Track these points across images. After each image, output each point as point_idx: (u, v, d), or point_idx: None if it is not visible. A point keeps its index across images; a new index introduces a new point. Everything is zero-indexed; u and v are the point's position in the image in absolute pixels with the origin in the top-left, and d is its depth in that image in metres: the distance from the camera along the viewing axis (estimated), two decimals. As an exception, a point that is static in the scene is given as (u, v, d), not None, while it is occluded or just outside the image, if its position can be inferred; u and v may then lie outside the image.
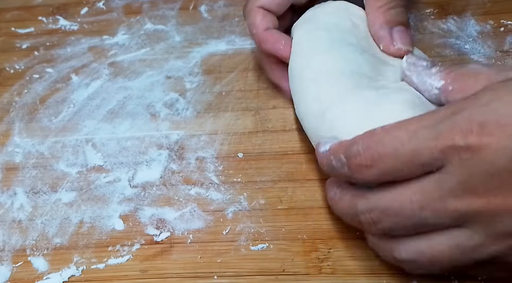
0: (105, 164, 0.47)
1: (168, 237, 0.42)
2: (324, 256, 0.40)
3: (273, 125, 0.48)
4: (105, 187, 0.46)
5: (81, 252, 0.42)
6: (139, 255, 0.41)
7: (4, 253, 0.42)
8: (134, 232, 0.43)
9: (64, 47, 0.57)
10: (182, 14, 0.59)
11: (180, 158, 0.47)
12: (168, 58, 0.55)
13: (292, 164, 0.45)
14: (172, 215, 0.43)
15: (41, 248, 0.42)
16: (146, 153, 0.47)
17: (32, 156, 0.48)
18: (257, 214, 0.43)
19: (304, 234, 0.41)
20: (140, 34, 0.58)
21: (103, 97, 0.52)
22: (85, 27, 0.59)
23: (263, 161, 0.46)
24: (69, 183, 0.46)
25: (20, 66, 0.56)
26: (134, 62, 0.55)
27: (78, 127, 0.50)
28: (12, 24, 0.60)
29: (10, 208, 0.45)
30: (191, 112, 0.50)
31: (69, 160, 0.48)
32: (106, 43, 0.57)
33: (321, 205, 0.43)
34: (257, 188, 0.44)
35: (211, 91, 0.52)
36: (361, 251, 0.40)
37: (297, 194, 0.44)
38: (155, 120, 0.50)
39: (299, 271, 0.40)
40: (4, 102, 0.53)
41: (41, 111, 0.52)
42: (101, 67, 0.55)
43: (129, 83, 0.53)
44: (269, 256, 0.41)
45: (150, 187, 0.45)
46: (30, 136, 0.50)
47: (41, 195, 0.46)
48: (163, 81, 0.53)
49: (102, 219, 0.44)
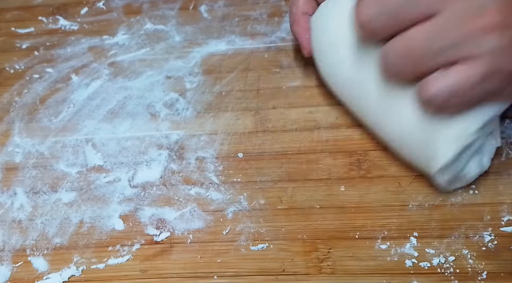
0: (105, 164, 0.47)
1: (168, 237, 0.42)
2: (324, 256, 0.40)
3: (273, 125, 0.48)
4: (105, 187, 0.46)
5: (81, 252, 0.42)
6: (139, 255, 0.42)
7: (4, 253, 0.42)
8: (134, 232, 0.43)
9: (64, 47, 0.57)
10: (182, 14, 0.59)
11: (180, 158, 0.47)
12: (168, 58, 0.55)
13: (292, 164, 0.45)
14: (172, 215, 0.43)
15: (41, 248, 0.42)
16: (146, 153, 0.48)
17: (32, 156, 0.48)
18: (257, 214, 0.43)
19: (304, 234, 0.41)
20: (140, 34, 0.58)
21: (103, 97, 0.52)
22: (85, 27, 0.59)
23: (263, 161, 0.46)
24: (69, 183, 0.46)
25: (20, 66, 0.56)
26: (134, 62, 0.55)
27: (78, 127, 0.50)
28: (12, 24, 0.60)
29: (10, 208, 0.45)
30: (191, 112, 0.50)
31: (69, 160, 0.48)
32: (106, 43, 0.57)
33: (321, 205, 0.43)
34: (257, 188, 0.44)
35: (211, 91, 0.52)
36: (361, 251, 0.40)
37: (297, 194, 0.44)
38: (155, 120, 0.50)
39: (299, 271, 0.40)
40: (4, 102, 0.53)
41: (41, 111, 0.52)
42: (101, 67, 0.55)
43: (129, 83, 0.53)
44: (269, 256, 0.41)
45: (150, 187, 0.45)
46: (30, 136, 0.50)
47: (41, 195, 0.46)
48: (163, 81, 0.53)
49: (102, 219, 0.44)
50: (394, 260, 0.39)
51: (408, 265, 0.39)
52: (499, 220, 0.41)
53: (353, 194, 0.43)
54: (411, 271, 0.39)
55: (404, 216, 0.41)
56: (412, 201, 0.42)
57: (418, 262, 0.39)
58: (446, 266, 0.39)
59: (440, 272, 0.39)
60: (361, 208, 0.42)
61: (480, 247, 0.39)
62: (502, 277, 0.38)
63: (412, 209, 0.42)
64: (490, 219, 0.41)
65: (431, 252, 0.40)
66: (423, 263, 0.39)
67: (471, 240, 0.40)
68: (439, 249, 0.40)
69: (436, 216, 0.41)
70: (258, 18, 0.57)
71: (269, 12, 0.57)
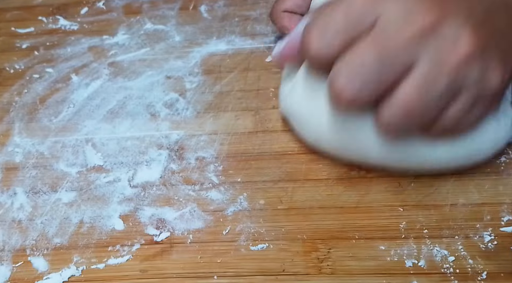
0: (105, 164, 0.47)
1: (168, 237, 0.42)
2: (324, 256, 0.40)
3: (273, 125, 0.48)
4: (105, 187, 0.46)
5: (81, 252, 0.42)
6: (139, 255, 0.41)
7: (4, 253, 0.42)
8: (134, 232, 0.43)
9: (64, 47, 0.57)
10: (182, 14, 0.59)
11: (180, 158, 0.47)
12: (168, 58, 0.55)
13: (292, 164, 0.45)
14: (172, 215, 0.43)
15: (41, 248, 0.42)
16: (146, 153, 0.48)
17: (32, 156, 0.48)
18: (257, 214, 0.43)
19: (304, 234, 0.41)
20: (140, 34, 0.58)
21: (103, 97, 0.52)
22: (85, 27, 0.59)
23: (263, 161, 0.46)
24: (69, 183, 0.46)
25: (20, 66, 0.56)
26: (134, 62, 0.55)
27: (78, 127, 0.50)
28: (12, 24, 0.60)
29: (10, 208, 0.45)
30: (191, 112, 0.50)
31: (69, 159, 0.48)
32: (106, 43, 0.57)
33: (321, 205, 0.43)
34: (257, 188, 0.44)
35: (211, 91, 0.52)
36: (361, 251, 0.40)
37: (297, 194, 0.44)
38: (155, 120, 0.50)
39: (299, 271, 0.40)
40: (4, 102, 0.53)
41: (41, 111, 0.52)
42: (101, 67, 0.55)
43: (129, 83, 0.53)
44: (269, 256, 0.41)
45: (150, 187, 0.45)
46: (30, 136, 0.50)
47: (41, 195, 0.46)
48: (163, 81, 0.53)
49: (102, 219, 0.44)
50: (394, 260, 0.39)
51: (408, 265, 0.39)
52: (499, 220, 0.41)
53: (353, 194, 0.43)
54: (411, 271, 0.39)
55: (404, 216, 0.41)
56: (412, 201, 0.42)
57: (418, 262, 0.39)
58: (446, 266, 0.39)
59: (440, 272, 0.39)
60: (361, 208, 0.42)
61: (480, 247, 0.39)
62: (502, 277, 0.38)
63: (412, 209, 0.42)
64: (490, 219, 0.41)
65: (431, 252, 0.40)
66: (423, 263, 0.39)
67: (471, 240, 0.40)
68: (439, 249, 0.40)
69: (436, 216, 0.41)
70: (258, 18, 0.57)
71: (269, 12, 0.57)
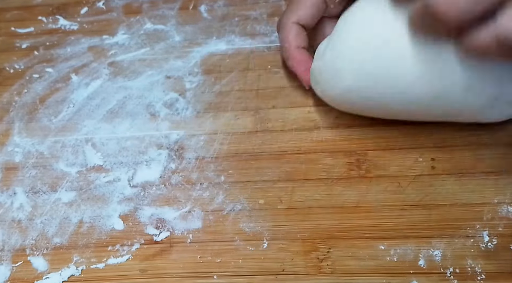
0: (105, 164, 0.47)
1: (167, 237, 0.42)
2: (324, 255, 0.40)
3: (273, 125, 0.48)
4: (105, 186, 0.46)
5: (81, 252, 0.42)
6: (138, 255, 0.42)
7: (4, 253, 0.42)
8: (134, 232, 0.43)
9: (64, 47, 0.57)
10: (182, 14, 0.59)
11: (180, 158, 0.47)
12: (168, 58, 0.55)
13: (292, 164, 0.45)
14: (171, 215, 0.43)
15: (40, 248, 0.42)
16: (146, 153, 0.48)
17: (32, 156, 0.48)
18: (257, 213, 0.43)
19: (303, 234, 0.41)
20: (140, 34, 0.58)
21: (103, 97, 0.52)
22: (85, 27, 0.59)
23: (262, 160, 0.46)
24: (68, 183, 0.46)
25: (20, 66, 0.56)
26: (134, 62, 0.55)
27: (78, 127, 0.50)
28: (12, 24, 0.60)
29: (9, 207, 0.45)
30: (191, 112, 0.50)
31: (69, 159, 0.48)
32: (106, 43, 0.57)
33: (320, 204, 0.43)
34: (257, 187, 0.44)
35: (210, 91, 0.52)
36: (361, 250, 0.40)
37: (297, 194, 0.44)
38: (155, 120, 0.50)
39: (299, 270, 0.40)
40: (4, 102, 0.53)
41: (41, 111, 0.52)
42: (101, 67, 0.55)
43: (129, 83, 0.53)
44: (268, 255, 0.41)
45: (150, 186, 0.45)
46: (30, 136, 0.50)
47: (40, 194, 0.46)
48: (163, 81, 0.53)
49: (102, 218, 0.44)
50: (394, 260, 0.39)
51: (408, 265, 0.39)
52: (498, 220, 0.41)
53: (352, 194, 0.43)
54: (410, 271, 0.39)
55: (404, 216, 0.41)
56: (412, 201, 0.42)
57: (417, 262, 0.39)
58: (446, 266, 0.39)
59: (440, 272, 0.39)
60: (360, 208, 0.42)
61: (479, 247, 0.40)
62: (502, 277, 0.38)
63: (411, 209, 0.42)
64: (490, 219, 0.41)
65: (430, 252, 0.40)
66: (422, 262, 0.39)
67: (470, 240, 0.40)
68: (439, 249, 0.40)
69: (436, 216, 0.41)
70: (258, 18, 0.57)
71: (269, 12, 0.57)
